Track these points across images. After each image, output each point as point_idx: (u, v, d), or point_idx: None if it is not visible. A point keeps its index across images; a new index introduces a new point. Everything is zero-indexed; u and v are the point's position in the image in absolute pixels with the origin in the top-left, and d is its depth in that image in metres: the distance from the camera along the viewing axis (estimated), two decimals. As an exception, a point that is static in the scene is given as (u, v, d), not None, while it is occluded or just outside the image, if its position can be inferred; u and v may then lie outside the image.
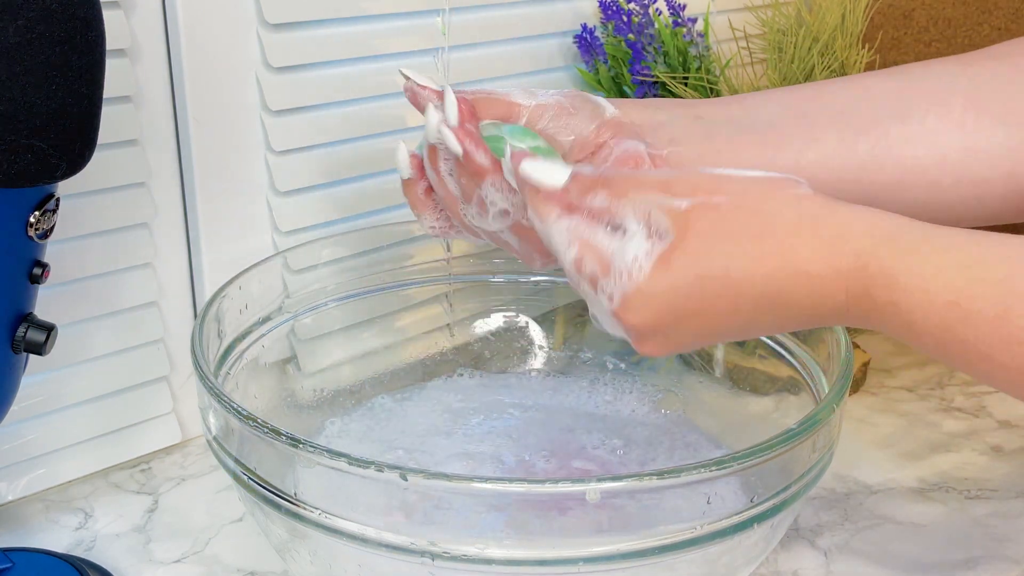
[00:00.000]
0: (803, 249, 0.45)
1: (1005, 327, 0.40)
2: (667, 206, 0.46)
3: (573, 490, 0.46)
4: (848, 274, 0.44)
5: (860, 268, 0.44)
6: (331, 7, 0.71)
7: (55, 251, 0.63)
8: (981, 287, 0.41)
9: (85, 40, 0.47)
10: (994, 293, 0.41)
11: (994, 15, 0.95)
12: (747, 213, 0.45)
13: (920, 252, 0.43)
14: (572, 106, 0.58)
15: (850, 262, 0.44)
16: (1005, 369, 0.42)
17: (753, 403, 0.68)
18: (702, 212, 0.45)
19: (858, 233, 0.44)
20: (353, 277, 0.73)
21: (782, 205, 0.46)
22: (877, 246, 0.44)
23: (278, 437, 0.49)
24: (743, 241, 0.45)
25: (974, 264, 0.42)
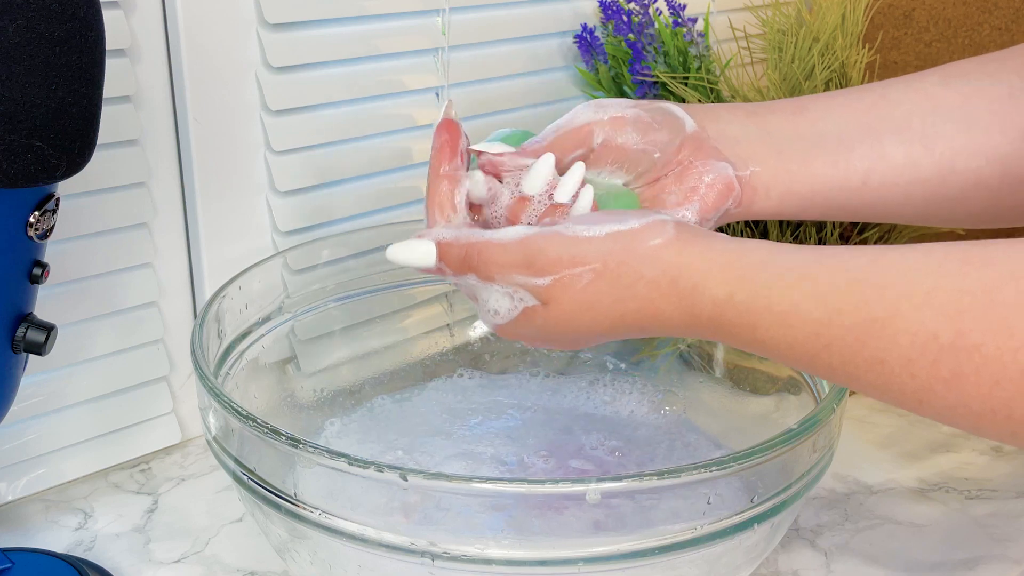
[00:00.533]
0: (663, 304, 0.48)
1: (864, 351, 0.43)
2: (530, 285, 0.50)
3: (573, 490, 0.46)
4: (709, 319, 0.47)
5: (718, 315, 0.46)
6: (331, 7, 0.71)
7: (55, 251, 0.63)
8: (838, 316, 0.43)
9: (85, 40, 0.47)
10: (850, 321, 0.43)
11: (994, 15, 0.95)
12: (608, 281, 0.48)
13: (776, 288, 0.45)
14: (654, 120, 0.56)
15: (708, 311, 0.47)
16: (873, 388, 0.44)
17: (753, 403, 0.68)
18: (564, 287, 0.49)
19: (714, 283, 0.46)
20: (353, 277, 0.73)
21: (641, 264, 0.48)
22: (733, 291, 0.46)
23: (278, 437, 0.49)
24: (604, 307, 0.49)
25: (831, 293, 0.44)
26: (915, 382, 0.42)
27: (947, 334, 0.41)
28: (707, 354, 0.72)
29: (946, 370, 0.41)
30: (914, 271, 0.43)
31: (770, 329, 0.45)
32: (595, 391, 0.75)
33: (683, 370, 0.74)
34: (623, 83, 0.87)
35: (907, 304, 0.42)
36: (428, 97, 0.78)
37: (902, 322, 0.42)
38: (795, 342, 0.44)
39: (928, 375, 0.41)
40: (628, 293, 0.48)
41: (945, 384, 0.41)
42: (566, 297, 0.49)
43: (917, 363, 0.42)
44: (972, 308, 0.41)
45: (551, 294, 0.49)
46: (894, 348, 0.42)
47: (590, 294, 0.49)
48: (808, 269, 0.45)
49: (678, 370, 0.74)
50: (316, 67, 0.72)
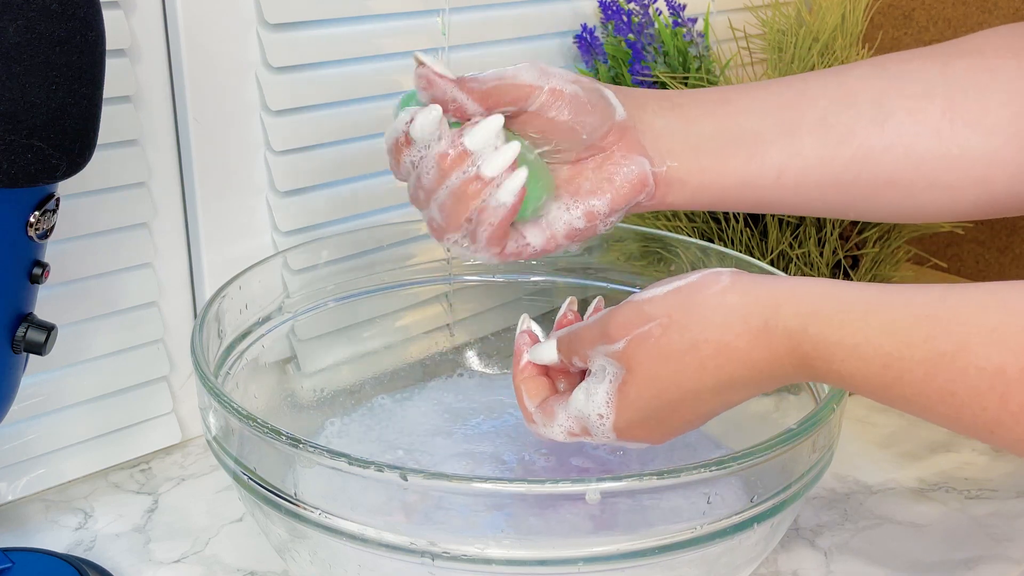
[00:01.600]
0: (739, 343, 0.48)
1: (934, 383, 0.44)
2: (610, 352, 0.52)
3: (573, 490, 0.47)
4: (786, 355, 0.48)
5: (795, 347, 0.47)
6: (331, 7, 0.71)
7: (55, 251, 0.63)
8: (908, 350, 0.44)
9: (85, 40, 0.47)
10: (920, 355, 0.44)
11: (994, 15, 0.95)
12: (677, 332, 0.50)
13: (848, 322, 0.46)
14: (589, 102, 0.57)
15: (784, 344, 0.47)
16: (946, 419, 0.45)
17: (753, 403, 0.68)
18: (637, 346, 0.51)
19: (785, 316, 0.47)
20: (353, 277, 0.73)
21: (708, 311, 0.49)
22: (806, 326, 0.47)
23: (278, 437, 0.49)
24: (682, 356, 0.50)
25: (900, 327, 0.45)
26: (986, 415, 0.43)
27: (1014, 368, 0.42)
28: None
29: (1015, 404, 0.42)
30: (980, 307, 0.44)
31: (845, 362, 0.46)
32: (595, 391, 0.75)
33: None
34: (623, 83, 0.87)
35: (975, 339, 0.43)
36: (428, 97, 0.78)
37: (971, 356, 0.43)
38: (869, 374, 0.46)
39: (998, 408, 0.43)
40: (700, 338, 0.49)
41: (1014, 417, 0.43)
42: (642, 354, 0.51)
43: (987, 396, 0.43)
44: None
45: (628, 355, 0.51)
46: (963, 381, 0.43)
47: (663, 346, 0.50)
48: (873, 304, 0.46)
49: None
50: (316, 67, 0.72)
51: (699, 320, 0.49)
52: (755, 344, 0.48)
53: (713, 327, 0.49)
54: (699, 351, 0.49)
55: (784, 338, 0.47)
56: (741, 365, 0.49)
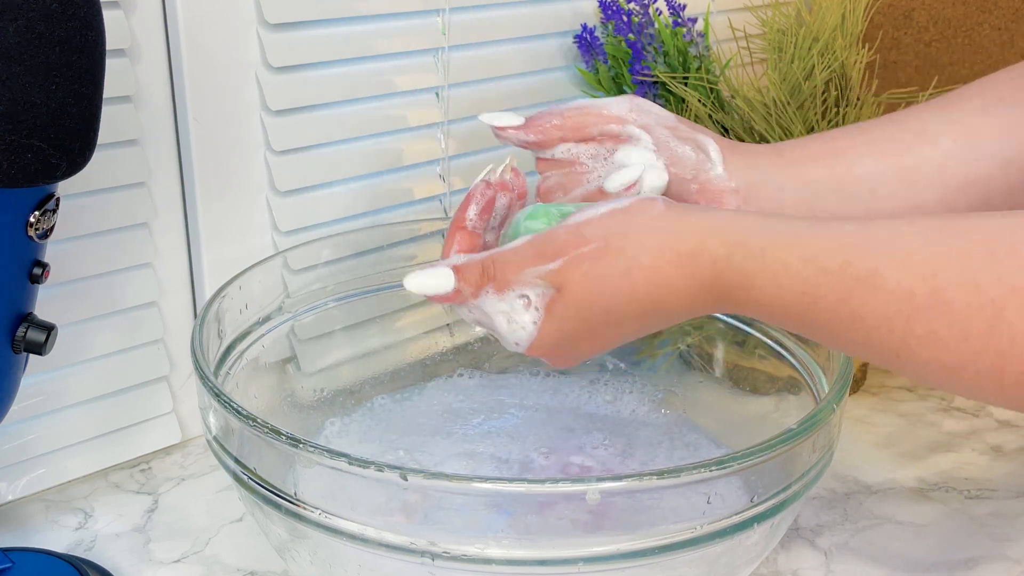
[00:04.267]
0: (667, 268, 0.50)
1: (847, 308, 0.45)
2: (542, 272, 0.52)
3: (573, 490, 0.47)
4: (710, 281, 0.49)
5: (718, 276, 0.49)
6: (331, 7, 0.71)
7: (55, 251, 0.63)
8: (824, 276, 0.46)
9: (85, 40, 0.47)
10: (834, 280, 0.45)
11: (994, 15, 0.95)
12: (614, 255, 0.50)
13: (768, 252, 0.48)
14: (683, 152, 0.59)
15: (709, 273, 0.49)
16: (856, 346, 0.46)
17: (753, 403, 0.68)
18: (574, 267, 0.51)
19: (712, 245, 0.49)
20: (353, 277, 0.73)
21: (642, 235, 0.51)
22: (731, 254, 0.48)
23: (278, 437, 0.49)
24: (615, 280, 0.50)
25: (817, 255, 0.46)
26: (892, 338, 0.44)
27: (922, 292, 0.43)
28: (707, 354, 0.72)
29: (920, 327, 0.44)
30: (898, 236, 0.46)
31: (764, 289, 0.48)
32: (595, 391, 0.75)
33: (683, 370, 0.74)
34: (623, 83, 0.87)
35: (887, 264, 0.45)
36: (428, 97, 0.78)
37: (882, 280, 0.44)
38: (786, 302, 0.47)
39: (904, 331, 0.44)
40: (635, 264, 0.50)
41: (919, 341, 0.44)
42: (577, 275, 0.51)
43: (894, 320, 0.44)
44: (946, 268, 0.43)
45: (563, 276, 0.51)
46: (874, 304, 0.45)
47: (599, 268, 0.51)
48: (800, 234, 0.48)
49: (678, 370, 0.74)
50: (316, 67, 0.72)
51: (635, 245, 0.50)
52: (682, 271, 0.49)
53: (647, 252, 0.50)
54: (632, 276, 0.50)
55: (709, 266, 0.49)
56: (668, 292, 0.50)
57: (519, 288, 0.53)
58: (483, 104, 0.82)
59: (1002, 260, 0.42)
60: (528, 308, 0.53)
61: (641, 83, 0.85)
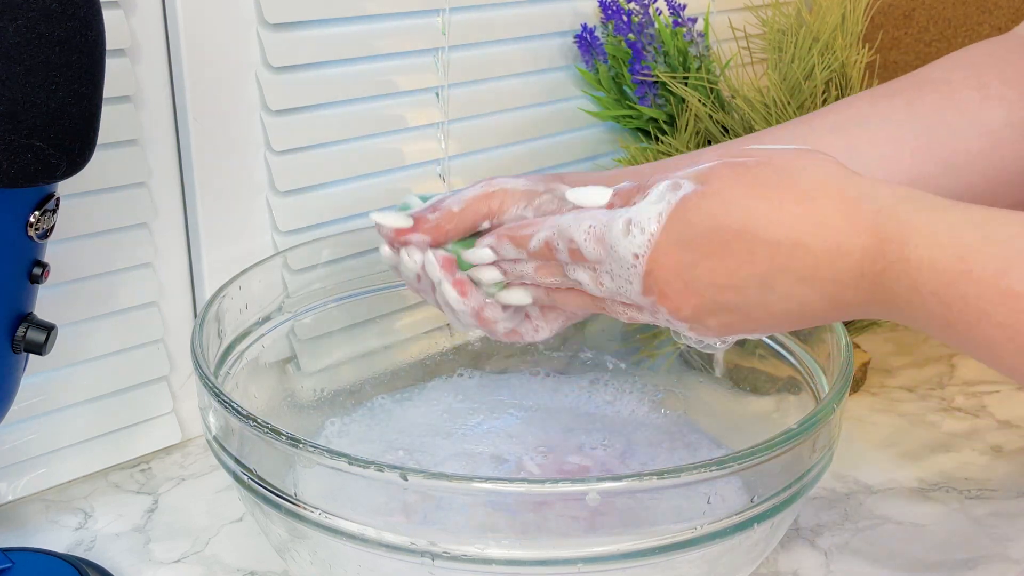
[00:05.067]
0: (825, 202, 0.46)
1: (1004, 280, 0.42)
2: (691, 173, 0.48)
3: (573, 490, 0.46)
4: (867, 228, 0.45)
5: (878, 225, 0.45)
6: (331, 7, 0.71)
7: (55, 251, 0.63)
8: (987, 244, 0.43)
9: (85, 40, 0.47)
10: (998, 250, 0.42)
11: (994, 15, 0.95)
12: (772, 170, 0.47)
13: (937, 210, 0.45)
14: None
15: (869, 218, 0.45)
16: (1000, 327, 0.42)
17: (753, 403, 0.68)
18: (726, 168, 0.47)
19: (882, 194, 0.46)
20: (353, 277, 0.73)
21: (810, 165, 0.47)
22: (898, 204, 0.45)
23: (278, 437, 0.49)
24: (765, 191, 0.46)
25: (986, 223, 0.43)
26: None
27: None
28: (707, 354, 0.72)
29: None
30: None
31: (919, 247, 0.44)
32: (595, 391, 0.75)
33: (683, 370, 0.74)
34: (623, 83, 0.87)
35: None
36: (428, 97, 0.78)
37: None
38: (939, 265, 0.43)
39: None
40: (791, 183, 0.46)
41: None
42: (727, 171, 0.47)
43: None
44: None
45: (711, 172, 0.47)
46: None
47: (753, 174, 0.47)
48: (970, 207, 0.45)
49: (678, 370, 0.74)
50: (316, 67, 0.72)
51: (798, 168, 0.47)
52: (840, 209, 0.45)
53: (809, 179, 0.46)
54: (784, 193, 0.46)
55: (872, 213, 0.45)
56: (816, 227, 0.45)
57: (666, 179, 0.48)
58: (483, 104, 0.82)
59: None
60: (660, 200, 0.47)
61: (641, 83, 0.85)
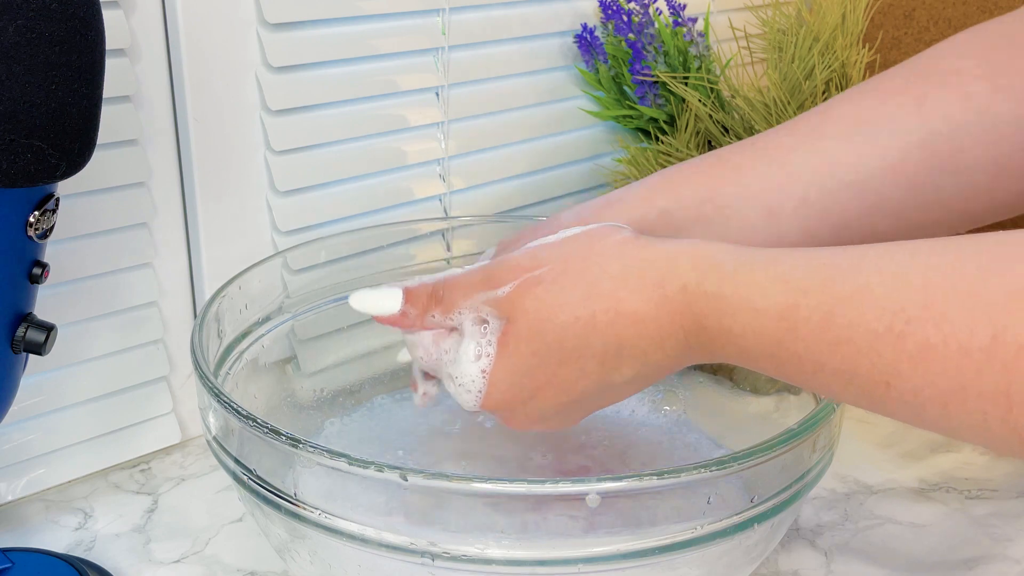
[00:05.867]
0: (632, 298, 0.46)
1: (830, 331, 0.41)
2: (491, 299, 0.48)
3: (573, 490, 0.46)
4: (680, 311, 0.45)
5: (689, 303, 0.45)
6: (331, 7, 0.71)
7: (55, 251, 0.63)
8: (804, 297, 0.42)
9: (85, 40, 0.47)
10: (816, 301, 0.41)
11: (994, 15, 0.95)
12: (571, 278, 0.46)
13: (742, 273, 0.44)
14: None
15: (679, 299, 0.45)
16: (840, 376, 0.42)
17: (753, 403, 0.68)
18: (525, 291, 0.47)
19: (683, 269, 0.45)
20: (353, 277, 0.73)
21: (605, 259, 0.47)
22: (702, 278, 0.44)
23: (278, 437, 0.49)
24: (572, 308, 0.46)
25: (795, 276, 0.42)
26: (881, 362, 0.40)
27: (915, 306, 0.39)
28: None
29: (913, 343, 0.39)
30: (885, 254, 0.42)
31: (737, 315, 0.43)
32: (595, 391, 0.75)
33: (683, 370, 0.74)
34: (623, 83, 0.87)
35: (875, 280, 0.41)
36: (428, 97, 0.78)
37: (869, 297, 0.40)
38: (762, 329, 0.43)
39: (895, 351, 0.39)
40: (595, 291, 0.46)
41: (912, 361, 0.39)
42: (530, 299, 0.47)
43: (884, 339, 0.40)
44: (940, 282, 0.39)
45: (514, 302, 0.47)
46: (860, 325, 0.40)
47: (554, 293, 0.46)
48: (776, 257, 0.44)
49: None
50: (316, 67, 0.72)
51: (596, 269, 0.46)
52: (649, 301, 0.45)
53: (608, 281, 0.46)
54: (591, 304, 0.46)
55: (679, 294, 0.45)
56: (632, 325, 0.45)
57: (470, 312, 0.49)
58: (483, 104, 0.82)
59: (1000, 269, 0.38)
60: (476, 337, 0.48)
61: (641, 83, 0.85)
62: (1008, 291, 0.37)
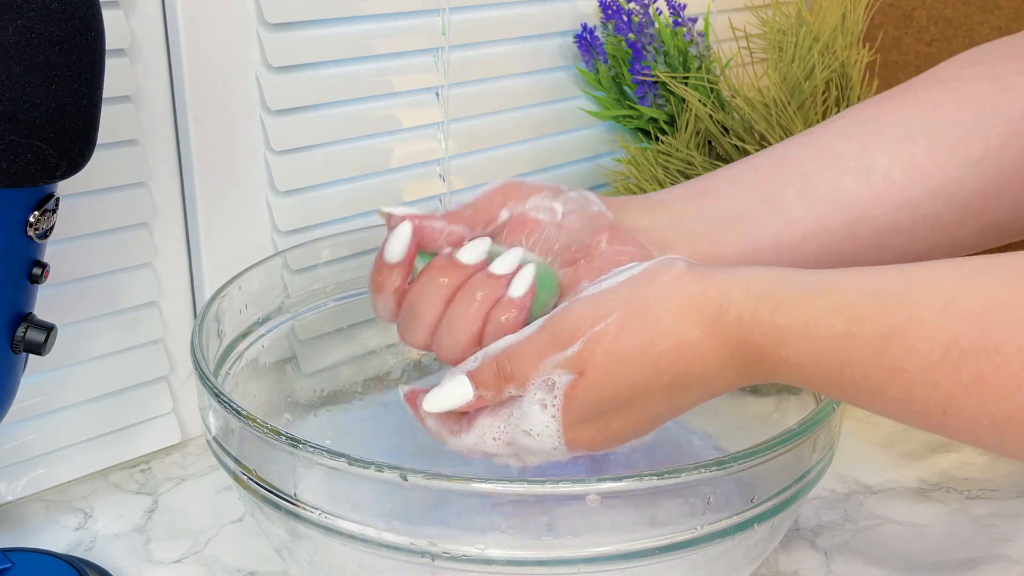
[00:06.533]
0: (691, 332, 0.47)
1: (886, 360, 0.42)
2: (561, 360, 0.49)
3: (573, 490, 0.46)
4: (737, 343, 0.46)
5: (745, 335, 0.46)
6: (331, 7, 0.71)
7: (55, 251, 0.63)
8: (859, 326, 0.43)
9: (85, 40, 0.47)
10: (871, 330, 0.42)
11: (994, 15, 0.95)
12: (635, 325, 0.48)
13: (799, 303, 0.45)
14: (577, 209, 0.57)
15: (735, 332, 0.46)
16: (897, 404, 0.43)
17: (753, 403, 0.68)
18: (594, 345, 0.48)
19: (737, 300, 0.46)
20: (353, 277, 0.73)
21: (664, 299, 0.48)
22: (757, 309, 0.45)
23: (278, 437, 0.49)
24: (639, 354, 0.47)
25: (852, 305, 0.43)
26: (936, 392, 0.41)
27: (967, 337, 0.40)
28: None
29: (967, 374, 0.40)
30: (936, 278, 0.42)
31: (795, 344, 0.44)
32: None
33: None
34: (623, 83, 0.87)
35: (927, 310, 0.41)
36: (428, 97, 0.78)
37: (922, 328, 0.41)
38: (819, 357, 0.44)
39: (949, 381, 0.40)
40: (658, 331, 0.47)
41: (967, 391, 0.40)
42: (599, 353, 0.48)
43: (938, 369, 0.41)
44: (993, 309, 0.40)
45: (583, 358, 0.48)
46: (914, 355, 0.41)
47: (621, 343, 0.48)
48: (830, 283, 0.45)
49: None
50: (316, 67, 0.72)
51: (656, 311, 0.47)
52: (708, 333, 0.46)
53: (669, 318, 0.47)
54: (655, 346, 0.47)
55: (736, 324, 0.46)
56: (695, 357, 0.47)
57: (543, 380, 0.49)
58: (483, 104, 0.82)
59: None
60: (546, 396, 0.49)
61: (641, 83, 0.85)
62: None
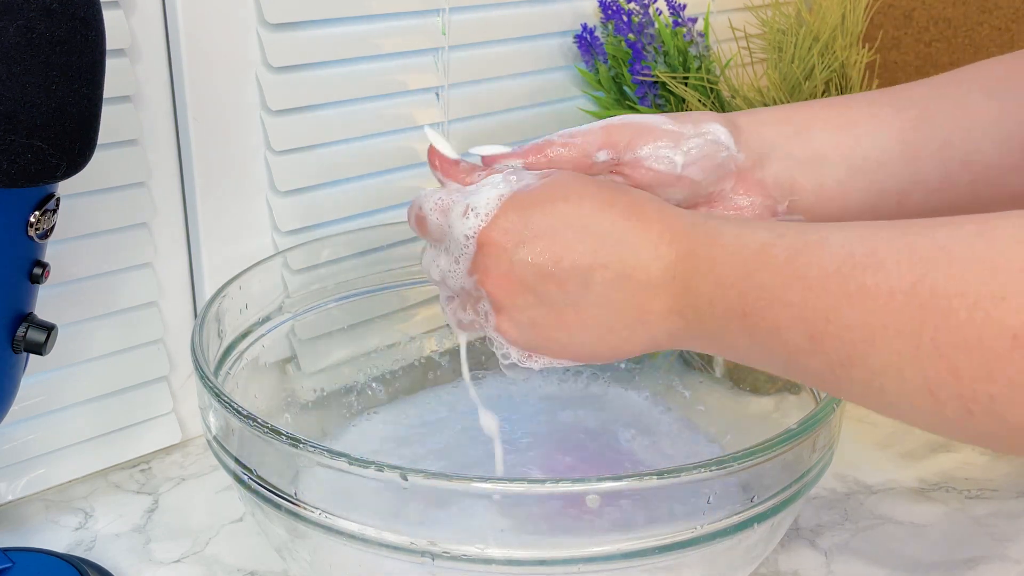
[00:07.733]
0: (650, 213, 0.51)
1: (792, 267, 0.45)
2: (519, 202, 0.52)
3: (573, 490, 0.47)
4: (681, 238, 0.49)
5: (691, 233, 0.49)
6: (331, 7, 0.71)
7: (55, 251, 0.63)
8: (781, 240, 0.47)
9: (85, 40, 0.47)
10: (789, 242, 0.46)
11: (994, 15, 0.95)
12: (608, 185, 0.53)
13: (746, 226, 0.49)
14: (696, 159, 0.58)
15: (685, 229, 0.50)
16: (788, 307, 0.45)
17: (753, 403, 0.68)
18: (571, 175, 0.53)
19: (698, 218, 0.51)
20: (353, 277, 0.73)
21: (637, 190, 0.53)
22: (708, 220, 0.50)
23: (278, 437, 0.49)
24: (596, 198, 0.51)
25: (783, 230, 0.47)
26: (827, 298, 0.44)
27: (862, 255, 0.44)
28: (707, 354, 0.72)
29: (853, 284, 0.43)
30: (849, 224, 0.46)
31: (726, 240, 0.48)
32: (595, 390, 0.75)
33: (683, 370, 0.74)
34: (623, 83, 0.87)
35: (841, 233, 0.45)
36: (428, 97, 0.78)
37: (830, 244, 0.45)
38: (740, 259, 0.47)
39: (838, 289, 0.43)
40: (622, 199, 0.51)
41: (850, 299, 0.43)
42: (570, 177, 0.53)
43: (832, 278, 0.44)
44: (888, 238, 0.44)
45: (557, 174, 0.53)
46: (816, 264, 0.45)
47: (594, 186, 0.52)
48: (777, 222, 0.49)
49: (678, 370, 0.74)
50: (316, 67, 0.72)
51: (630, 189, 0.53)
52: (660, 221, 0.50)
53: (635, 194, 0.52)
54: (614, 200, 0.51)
55: (687, 226, 0.50)
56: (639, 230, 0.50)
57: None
58: (483, 104, 0.82)
59: (938, 230, 0.43)
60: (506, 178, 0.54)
61: (641, 83, 0.85)
62: (938, 246, 0.42)
